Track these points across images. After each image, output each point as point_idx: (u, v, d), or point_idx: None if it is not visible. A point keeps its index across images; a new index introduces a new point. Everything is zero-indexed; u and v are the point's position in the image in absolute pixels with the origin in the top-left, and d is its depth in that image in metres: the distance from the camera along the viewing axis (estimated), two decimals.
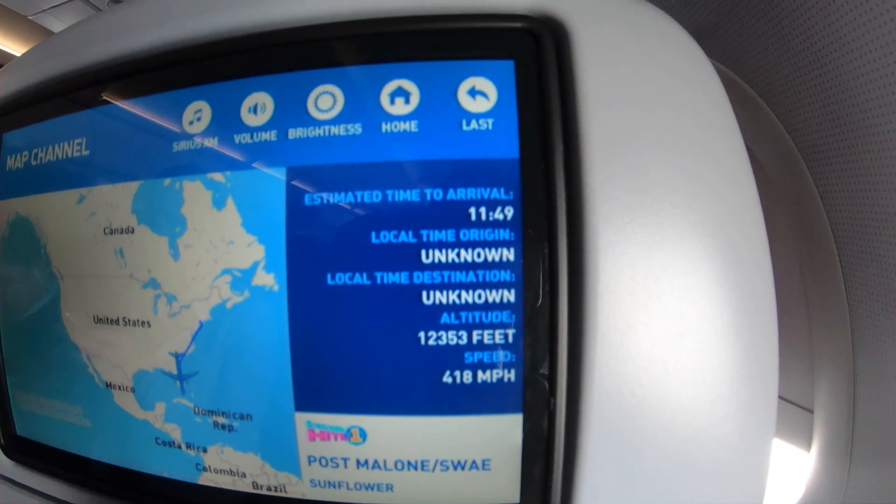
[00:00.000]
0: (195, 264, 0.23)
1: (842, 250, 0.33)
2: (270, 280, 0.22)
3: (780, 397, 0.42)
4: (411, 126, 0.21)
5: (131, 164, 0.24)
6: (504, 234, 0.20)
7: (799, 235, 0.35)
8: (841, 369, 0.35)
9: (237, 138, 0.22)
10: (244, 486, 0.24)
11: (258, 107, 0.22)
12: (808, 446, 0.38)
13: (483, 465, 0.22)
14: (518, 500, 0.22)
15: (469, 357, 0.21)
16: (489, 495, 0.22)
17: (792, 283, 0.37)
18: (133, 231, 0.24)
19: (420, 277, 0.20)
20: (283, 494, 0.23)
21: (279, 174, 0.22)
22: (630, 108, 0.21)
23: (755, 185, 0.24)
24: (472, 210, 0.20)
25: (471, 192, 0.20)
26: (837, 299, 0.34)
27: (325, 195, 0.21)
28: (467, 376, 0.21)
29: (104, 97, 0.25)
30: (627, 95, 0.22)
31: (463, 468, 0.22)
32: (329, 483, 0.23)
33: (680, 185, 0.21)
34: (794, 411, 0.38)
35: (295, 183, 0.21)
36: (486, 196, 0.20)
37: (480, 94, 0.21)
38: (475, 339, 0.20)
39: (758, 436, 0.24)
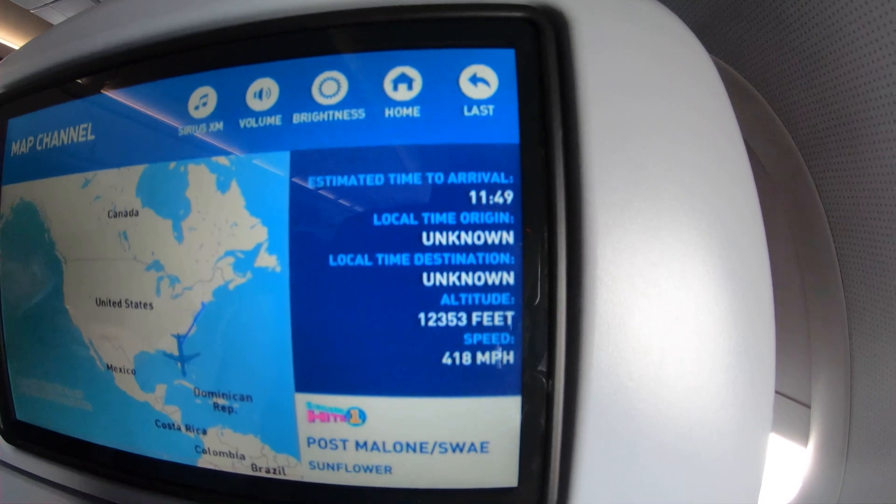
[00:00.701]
0: (199, 246, 0.23)
1: (839, 244, 0.33)
2: (273, 262, 0.22)
3: (777, 392, 0.42)
4: (414, 111, 0.21)
5: (136, 149, 0.24)
6: (504, 217, 0.21)
7: (796, 229, 0.35)
8: (838, 363, 0.35)
9: (242, 123, 0.23)
10: (243, 468, 0.24)
11: (263, 92, 0.23)
12: (805, 441, 0.38)
13: (482, 447, 0.22)
14: (516, 484, 0.22)
15: (468, 339, 0.21)
16: (487, 479, 0.22)
17: (789, 278, 0.37)
18: (137, 214, 0.24)
19: (421, 259, 0.21)
20: (282, 477, 0.23)
21: (283, 158, 0.22)
22: (629, 98, 0.22)
23: (752, 176, 0.24)
24: (473, 193, 0.21)
25: (471, 176, 0.21)
26: (834, 292, 0.34)
27: (328, 178, 0.21)
28: (466, 358, 0.21)
29: (110, 84, 0.26)
30: (626, 86, 0.22)
31: (461, 450, 0.22)
32: (328, 465, 0.23)
33: (677, 175, 0.22)
34: (791, 406, 0.39)
35: (298, 166, 0.22)
36: (486, 180, 0.21)
37: (482, 82, 0.21)
38: (475, 320, 0.21)
39: (755, 425, 0.24)
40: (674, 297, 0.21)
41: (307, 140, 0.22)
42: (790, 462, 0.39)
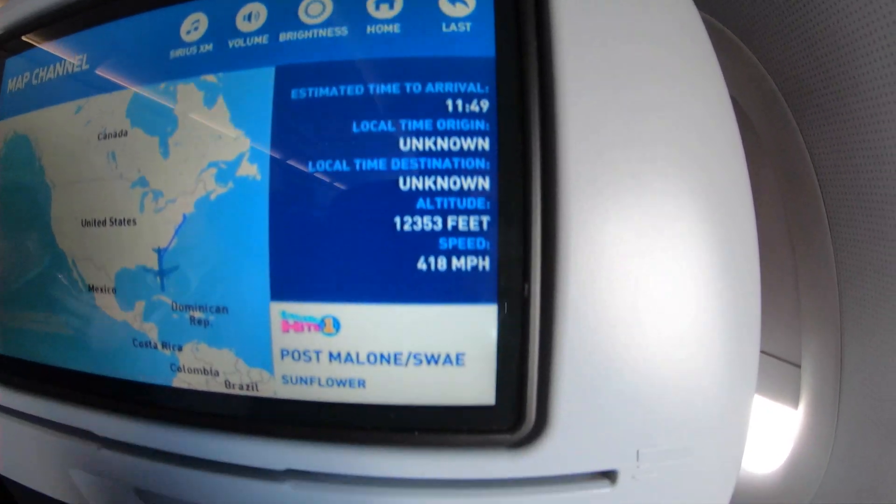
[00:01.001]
0: (183, 160, 0.23)
1: (827, 197, 0.33)
2: (254, 170, 0.22)
3: (768, 353, 0.41)
4: (394, 28, 0.22)
5: (129, 73, 0.25)
6: (479, 124, 0.21)
7: (784, 185, 0.35)
8: (828, 321, 0.34)
9: (231, 43, 0.24)
10: (217, 385, 0.23)
11: (252, 15, 0.24)
12: (795, 403, 0.37)
13: (457, 359, 0.21)
14: (493, 402, 0.22)
15: (444, 243, 0.21)
16: (464, 395, 0.22)
17: (778, 236, 0.37)
18: (126, 134, 0.25)
19: (398, 164, 0.21)
20: (254, 393, 0.23)
21: (268, 73, 0.23)
22: (601, 16, 0.22)
23: (734, 117, 0.25)
24: (449, 102, 0.21)
25: (448, 86, 0.21)
26: (823, 248, 0.34)
27: (309, 90, 0.22)
28: (441, 263, 0.21)
29: (107, 16, 0.27)
30: (600, 7, 0.23)
31: (436, 362, 0.21)
32: (301, 379, 0.22)
33: (653, 84, 0.22)
34: (782, 367, 0.38)
35: (282, 80, 0.22)
36: (462, 90, 0.21)
37: (460, 2, 0.22)
38: (450, 224, 0.21)
39: (739, 346, 0.23)
40: (652, 205, 0.21)
41: (292, 56, 0.23)
42: (781, 425, 0.38)
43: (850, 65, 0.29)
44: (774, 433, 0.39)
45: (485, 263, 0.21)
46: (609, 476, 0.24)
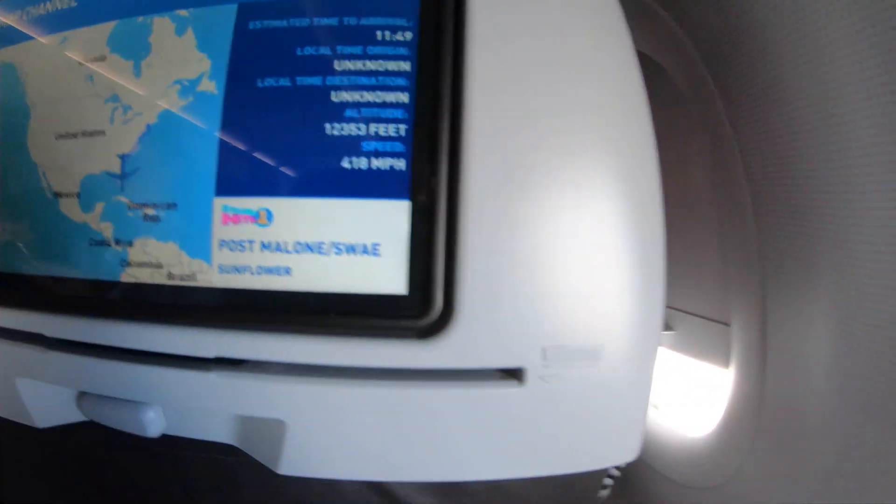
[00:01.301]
0: (153, 79, 0.27)
1: (748, 164, 0.36)
2: (212, 86, 0.26)
3: (699, 315, 0.43)
4: None
5: (112, 8, 0.29)
6: (402, 50, 0.25)
7: (712, 158, 0.39)
8: (751, 277, 0.37)
9: None
10: (160, 277, 0.26)
11: None
12: (727, 363, 0.38)
13: (373, 249, 0.24)
14: (406, 292, 0.24)
15: (366, 146, 0.24)
16: (379, 284, 0.24)
17: (709, 195, 0.40)
18: (105, 59, 0.28)
19: (331, 81, 0.25)
20: (193, 283, 0.25)
21: (231, 8, 0.27)
22: None
23: (637, 65, 0.28)
24: (378, 33, 0.25)
25: (379, 20, 0.25)
26: (743, 206, 0.36)
27: (264, 22, 0.26)
28: (363, 163, 0.24)
29: None
30: None
31: (354, 252, 0.24)
32: (235, 268, 0.25)
33: (559, 11, 0.25)
34: (713, 327, 0.40)
35: (242, 14, 0.26)
36: (391, 23, 0.25)
37: None
38: (372, 130, 0.24)
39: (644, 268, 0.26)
40: (553, 117, 0.24)
41: None
42: (716, 390, 0.39)
43: (759, 27, 0.32)
44: (709, 398, 0.41)
45: (400, 164, 0.24)
46: (516, 375, 0.26)
